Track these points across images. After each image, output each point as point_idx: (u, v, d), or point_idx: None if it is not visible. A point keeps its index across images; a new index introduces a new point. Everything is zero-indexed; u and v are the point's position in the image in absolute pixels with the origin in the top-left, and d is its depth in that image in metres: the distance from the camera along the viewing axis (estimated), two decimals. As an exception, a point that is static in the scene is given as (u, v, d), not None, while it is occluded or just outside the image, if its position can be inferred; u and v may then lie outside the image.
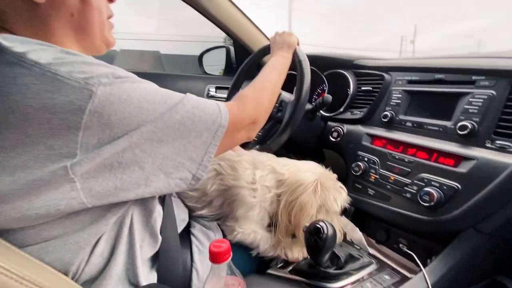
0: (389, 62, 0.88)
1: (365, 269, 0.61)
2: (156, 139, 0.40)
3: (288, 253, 0.64)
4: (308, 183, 0.62)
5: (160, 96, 0.42)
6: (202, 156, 0.45)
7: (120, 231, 0.44)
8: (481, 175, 0.55)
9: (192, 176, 0.46)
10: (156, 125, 0.40)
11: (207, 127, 0.45)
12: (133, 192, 0.41)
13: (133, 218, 0.46)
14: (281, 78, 0.69)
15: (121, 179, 0.39)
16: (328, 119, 1.00)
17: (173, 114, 0.41)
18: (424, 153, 0.66)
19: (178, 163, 0.43)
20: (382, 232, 0.76)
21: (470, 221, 0.55)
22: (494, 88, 0.58)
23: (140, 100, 0.39)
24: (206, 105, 0.46)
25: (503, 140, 0.55)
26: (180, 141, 0.42)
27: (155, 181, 0.42)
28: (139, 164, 0.40)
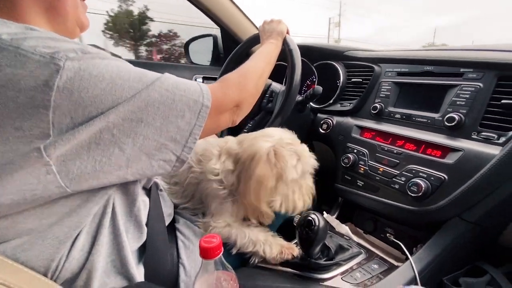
0: (379, 53, 0.88)
1: (354, 259, 0.62)
2: (135, 119, 0.38)
3: (267, 249, 0.59)
4: (261, 153, 0.56)
5: (135, 73, 0.40)
6: (187, 137, 0.44)
7: (102, 221, 0.42)
8: (467, 166, 0.56)
9: (177, 158, 0.44)
10: (134, 104, 0.38)
11: (189, 107, 0.43)
12: (114, 174, 0.39)
13: (115, 207, 0.44)
14: (269, 65, 0.67)
15: (100, 161, 0.37)
16: (317, 111, 0.99)
17: (151, 92, 0.39)
18: (412, 145, 0.67)
19: (160, 144, 0.42)
20: (370, 222, 0.77)
21: (456, 211, 0.57)
22: (482, 80, 0.59)
23: (112, 77, 0.37)
24: (186, 84, 0.44)
25: (488, 131, 0.57)
26: (161, 121, 0.41)
27: (136, 163, 0.40)
28: (119, 145, 0.38)
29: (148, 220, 0.51)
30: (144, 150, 0.40)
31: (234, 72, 0.58)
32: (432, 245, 0.58)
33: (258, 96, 0.61)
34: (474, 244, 0.61)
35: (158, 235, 0.52)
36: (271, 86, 0.90)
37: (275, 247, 0.59)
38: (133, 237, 0.48)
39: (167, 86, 0.41)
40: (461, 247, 0.58)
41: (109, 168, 0.38)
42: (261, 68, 0.63)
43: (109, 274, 0.44)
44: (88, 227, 0.42)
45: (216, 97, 0.48)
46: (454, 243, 0.57)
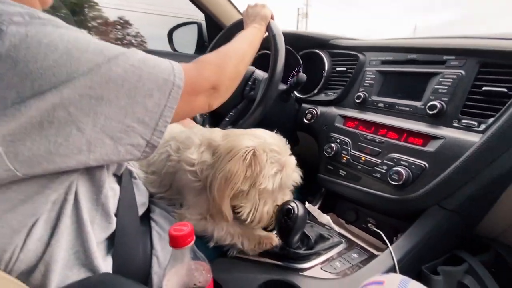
0: (364, 42, 0.87)
1: (334, 249, 0.60)
2: (95, 96, 0.35)
3: (245, 242, 0.57)
4: (238, 149, 0.51)
5: (95, 45, 0.36)
6: (157, 120, 0.40)
7: (62, 210, 0.39)
8: (448, 154, 0.55)
9: (146, 143, 0.41)
10: (93, 79, 0.34)
11: (158, 86, 0.40)
12: (74, 158, 0.35)
13: (79, 195, 0.40)
14: (252, 48, 0.64)
15: (55, 143, 0.34)
16: (302, 101, 0.98)
17: (113, 67, 0.36)
18: (394, 133, 0.66)
19: (126, 126, 0.38)
20: (352, 212, 0.76)
21: (435, 198, 0.57)
22: (464, 67, 0.59)
23: (67, 48, 0.33)
24: (156, 61, 0.41)
25: (469, 119, 0.56)
26: (125, 100, 0.37)
27: (100, 147, 0.37)
28: (77, 125, 0.34)
29: (118, 209, 0.48)
30: (107, 132, 0.37)
31: (213, 52, 0.55)
32: (411, 234, 0.57)
33: (238, 80, 0.58)
34: (453, 233, 0.61)
35: (129, 225, 0.49)
36: (254, 73, 0.88)
37: (253, 238, 0.57)
38: (99, 227, 0.44)
39: (132, 62, 0.38)
40: (440, 235, 0.58)
41: (66, 151, 0.34)
42: (243, 50, 0.60)
43: (72, 266, 0.41)
44: (46, 216, 0.38)
45: (189, 76, 0.44)
46: (433, 232, 0.57)
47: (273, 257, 0.58)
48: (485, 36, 0.60)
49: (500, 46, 0.55)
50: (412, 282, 0.38)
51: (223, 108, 0.74)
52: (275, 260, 0.57)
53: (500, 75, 0.54)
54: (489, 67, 0.56)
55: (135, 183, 0.60)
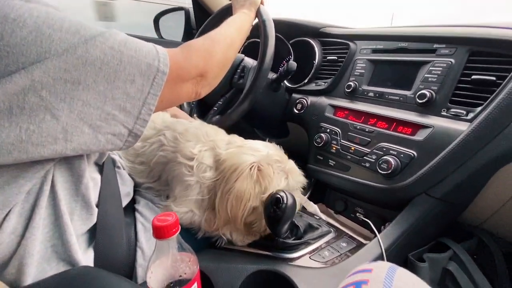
0: (355, 30, 0.85)
1: (323, 238, 0.60)
2: (70, 80, 0.32)
3: (234, 234, 0.57)
4: (243, 167, 0.52)
5: (70, 23, 0.33)
6: (140, 108, 0.38)
7: (37, 201, 0.36)
8: (436, 143, 0.56)
9: (129, 132, 0.38)
10: (67, 61, 0.31)
11: (141, 71, 0.37)
12: (49, 148, 0.33)
13: (56, 185, 0.38)
14: (240, 34, 0.62)
15: (27, 130, 0.31)
16: (292, 91, 0.96)
17: (91, 49, 0.33)
18: (384, 123, 0.66)
19: (106, 114, 0.35)
20: (341, 202, 0.77)
21: (423, 187, 0.57)
22: (453, 56, 0.59)
23: (37, 24, 0.30)
24: (138, 44, 0.38)
25: (457, 108, 0.56)
26: (105, 85, 0.34)
27: (77, 135, 0.34)
28: (51, 111, 0.32)
29: (100, 200, 0.45)
30: (85, 119, 0.34)
31: (200, 38, 0.52)
32: (399, 222, 0.58)
33: (227, 67, 0.56)
34: (439, 220, 0.62)
35: (112, 217, 0.47)
36: (243, 61, 0.85)
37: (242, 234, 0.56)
38: (80, 218, 0.42)
39: (112, 44, 0.35)
40: (427, 224, 0.58)
41: (40, 139, 0.32)
42: (231, 36, 0.57)
43: (50, 260, 0.39)
44: (20, 207, 0.36)
45: (175, 62, 0.41)
46: (420, 220, 0.57)
47: (261, 247, 0.57)
48: (475, 25, 0.59)
49: (489, 34, 0.54)
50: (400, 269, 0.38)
51: (211, 97, 0.72)
52: (263, 250, 0.56)
53: (489, 63, 0.54)
54: (478, 55, 0.56)
55: (119, 172, 0.58)
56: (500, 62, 0.53)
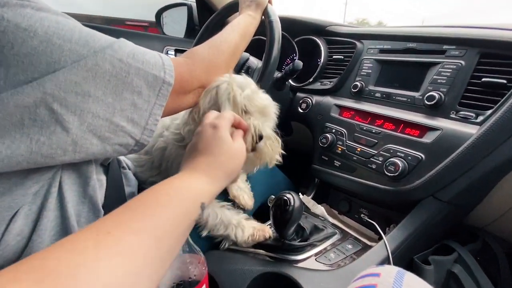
0: (362, 30, 0.84)
1: (328, 240, 0.60)
2: (81, 93, 0.32)
3: (239, 233, 0.56)
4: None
5: (80, 34, 0.32)
6: (146, 118, 0.38)
7: (45, 203, 0.36)
8: (444, 146, 0.55)
9: (135, 142, 0.39)
10: (78, 73, 0.31)
11: (148, 83, 0.37)
12: (57, 159, 0.33)
13: (63, 187, 0.37)
14: (245, 40, 0.61)
15: (37, 141, 0.31)
16: (297, 90, 0.95)
17: (100, 62, 0.33)
18: (391, 124, 0.65)
19: (115, 126, 0.36)
20: (345, 203, 0.76)
21: (431, 190, 0.57)
22: (464, 58, 0.58)
23: (48, 34, 0.29)
24: (145, 56, 0.38)
25: (467, 110, 0.56)
26: (113, 97, 0.35)
27: (86, 147, 0.34)
28: (62, 123, 0.31)
29: (106, 202, 0.45)
30: (95, 131, 0.34)
31: (205, 45, 0.52)
32: (405, 225, 0.57)
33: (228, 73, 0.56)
34: (445, 223, 0.61)
35: None
36: (248, 61, 0.84)
37: (247, 230, 0.56)
38: (87, 221, 0.42)
39: (121, 56, 0.35)
40: (433, 226, 0.58)
41: (50, 151, 0.32)
42: (235, 43, 0.57)
43: None
44: (27, 209, 0.35)
45: (180, 73, 0.42)
46: (427, 223, 0.57)
47: (267, 249, 0.57)
48: (486, 26, 0.58)
49: (501, 36, 0.54)
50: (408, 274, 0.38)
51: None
52: (269, 252, 0.56)
53: (499, 66, 0.54)
54: (489, 57, 0.55)
55: (124, 173, 0.57)
56: (510, 65, 0.52)
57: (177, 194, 0.32)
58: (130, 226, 0.25)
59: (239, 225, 0.56)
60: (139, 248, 0.25)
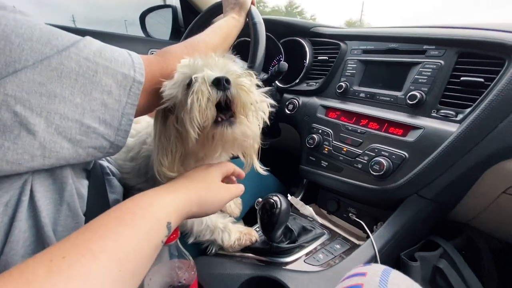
0: (345, 30, 0.85)
1: (317, 240, 0.60)
2: (46, 93, 0.31)
3: (225, 237, 0.55)
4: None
5: (41, 32, 0.31)
6: (119, 119, 0.37)
7: (16, 213, 0.34)
8: (427, 144, 0.56)
9: (110, 144, 0.38)
10: (41, 73, 0.30)
11: (117, 82, 0.36)
12: (25, 166, 0.32)
13: (35, 195, 0.36)
14: (225, 41, 0.60)
15: (1, 147, 0.29)
16: (283, 91, 0.95)
17: (65, 60, 0.32)
18: (375, 124, 0.66)
19: (86, 127, 0.35)
20: (333, 202, 0.77)
21: (415, 188, 0.58)
22: (443, 57, 0.59)
23: (6, 33, 0.28)
24: (113, 54, 0.37)
25: (447, 109, 0.57)
26: (82, 97, 0.34)
27: (56, 151, 0.33)
28: (27, 126, 0.30)
29: (88, 209, 0.44)
30: (64, 134, 0.33)
31: (180, 44, 0.51)
32: (391, 223, 0.58)
33: None
34: (429, 219, 0.63)
35: None
36: None
37: (234, 234, 0.55)
38: (64, 228, 0.40)
39: (87, 54, 0.34)
40: (418, 223, 0.59)
41: (16, 157, 0.30)
42: (215, 43, 0.56)
43: None
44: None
45: (151, 72, 0.41)
46: (412, 220, 0.58)
47: (255, 252, 0.56)
48: (464, 26, 0.60)
49: (478, 36, 0.55)
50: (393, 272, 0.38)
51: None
52: (258, 255, 0.56)
53: (477, 65, 0.55)
54: (467, 57, 0.56)
55: (108, 179, 0.55)
56: (488, 64, 0.54)
57: (143, 212, 0.30)
58: (88, 248, 0.24)
59: (225, 229, 0.55)
60: (98, 272, 0.23)
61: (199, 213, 0.38)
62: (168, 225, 0.31)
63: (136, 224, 0.28)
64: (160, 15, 1.32)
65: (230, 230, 0.56)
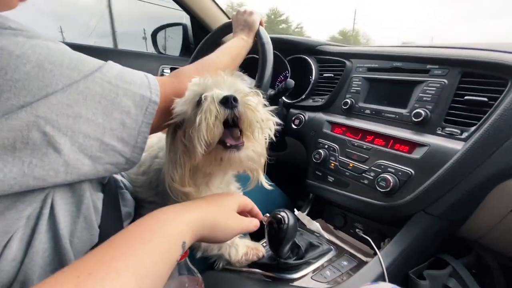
0: (350, 49, 0.88)
1: (324, 257, 0.60)
2: (72, 115, 0.33)
3: (233, 252, 0.55)
4: None
5: (70, 59, 0.34)
6: (135, 137, 0.40)
7: (37, 225, 0.36)
8: (433, 161, 0.57)
9: (126, 161, 0.41)
10: (70, 97, 0.33)
11: (135, 103, 0.39)
12: (49, 181, 0.34)
13: (55, 208, 0.38)
14: (235, 62, 0.63)
15: (29, 164, 0.32)
16: (290, 106, 0.97)
17: (90, 84, 0.35)
18: (381, 140, 0.67)
19: (106, 145, 0.37)
20: (340, 218, 0.77)
21: (422, 205, 0.58)
22: (446, 77, 0.61)
23: (40, 60, 0.31)
24: (132, 77, 0.40)
25: (452, 127, 0.58)
26: (103, 117, 0.36)
27: (78, 168, 0.35)
28: (53, 145, 0.33)
29: (101, 221, 0.45)
30: (86, 151, 0.36)
31: (192, 66, 0.54)
32: (398, 240, 0.58)
33: None
34: (437, 237, 0.62)
35: None
36: None
37: (241, 249, 0.56)
38: (80, 240, 0.42)
39: (109, 78, 0.37)
40: (426, 240, 0.59)
41: (42, 173, 0.33)
42: (224, 65, 0.59)
43: None
44: (21, 233, 0.36)
45: (165, 92, 0.44)
46: (419, 237, 0.58)
47: (263, 268, 0.57)
48: (466, 46, 0.62)
49: (480, 56, 0.57)
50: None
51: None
52: (265, 271, 0.56)
53: (480, 84, 0.56)
54: (470, 76, 0.58)
55: (121, 193, 0.57)
56: (490, 84, 0.55)
57: (160, 230, 0.31)
58: (112, 266, 0.25)
59: (233, 244, 0.56)
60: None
61: (209, 238, 0.38)
62: (183, 244, 0.32)
63: (154, 242, 0.30)
64: (171, 33, 1.38)
65: (237, 245, 0.56)
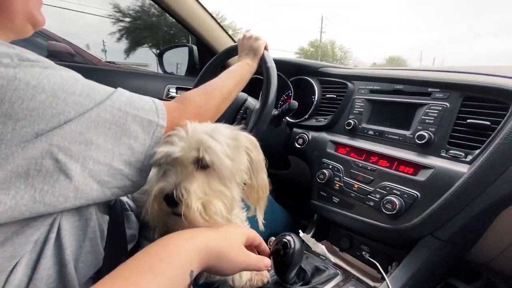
0: (352, 71, 0.90)
1: (331, 282, 0.59)
2: (84, 141, 0.34)
3: (236, 278, 0.53)
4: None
5: (82, 87, 0.36)
6: (142, 160, 0.41)
7: (43, 250, 0.36)
8: (438, 184, 0.57)
9: (132, 184, 0.41)
10: (83, 124, 0.34)
11: (143, 128, 0.41)
12: (58, 207, 0.34)
13: (61, 233, 0.38)
14: (238, 87, 0.65)
15: (41, 191, 0.32)
16: (293, 126, 0.99)
17: (101, 112, 0.36)
18: (385, 161, 0.67)
19: (114, 169, 0.38)
20: (346, 240, 0.76)
21: (429, 229, 0.57)
22: (448, 100, 0.62)
23: (54, 89, 0.32)
24: (140, 103, 0.41)
25: (456, 149, 0.58)
26: (113, 143, 0.37)
27: (87, 193, 0.36)
28: (65, 172, 0.33)
29: (107, 244, 0.45)
30: (95, 176, 0.36)
31: (198, 91, 0.55)
32: (407, 265, 0.57)
33: (218, 117, 0.58)
34: (446, 261, 0.61)
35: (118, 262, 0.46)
36: (247, 101, 0.88)
37: (245, 274, 0.55)
38: (85, 265, 0.42)
39: (119, 105, 0.39)
40: (435, 265, 0.58)
41: (52, 199, 0.33)
42: (228, 90, 0.60)
43: None
44: (27, 258, 0.35)
45: (172, 117, 0.45)
46: (428, 262, 0.57)
47: (268, 293, 0.55)
48: (467, 71, 0.63)
49: (481, 81, 0.58)
50: None
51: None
52: (270, 296, 0.55)
53: (482, 108, 0.57)
54: (472, 100, 0.59)
55: (126, 214, 0.57)
56: (492, 108, 0.56)
57: (169, 259, 0.32)
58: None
59: None
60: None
61: (213, 268, 0.37)
62: (191, 273, 0.32)
63: (164, 271, 0.30)
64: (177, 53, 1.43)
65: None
